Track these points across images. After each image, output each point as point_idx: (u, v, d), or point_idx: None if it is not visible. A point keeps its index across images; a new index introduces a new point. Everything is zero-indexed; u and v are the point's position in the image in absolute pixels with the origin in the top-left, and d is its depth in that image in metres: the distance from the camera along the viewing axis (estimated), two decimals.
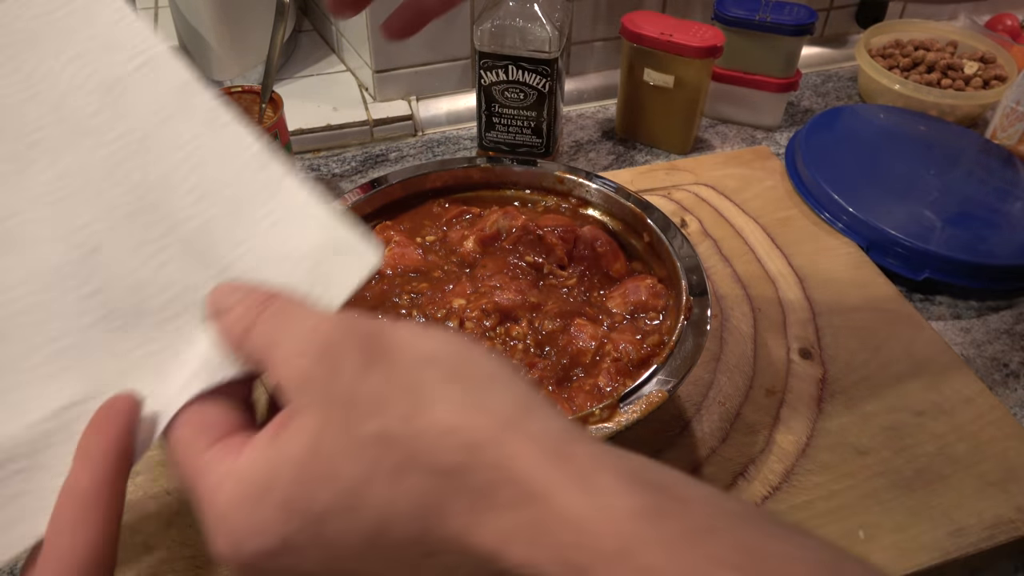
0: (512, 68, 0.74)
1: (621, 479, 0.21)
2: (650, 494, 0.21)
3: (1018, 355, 0.64)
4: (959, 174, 0.78)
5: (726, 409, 0.56)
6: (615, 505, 0.20)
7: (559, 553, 0.20)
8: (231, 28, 0.85)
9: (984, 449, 0.53)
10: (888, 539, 0.48)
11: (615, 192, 0.63)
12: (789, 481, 0.51)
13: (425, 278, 0.59)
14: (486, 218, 0.63)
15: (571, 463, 0.21)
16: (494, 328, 0.55)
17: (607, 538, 0.20)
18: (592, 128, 0.91)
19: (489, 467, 0.20)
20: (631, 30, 0.80)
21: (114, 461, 0.26)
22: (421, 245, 0.61)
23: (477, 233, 0.61)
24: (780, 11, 0.83)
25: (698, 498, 0.21)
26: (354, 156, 0.86)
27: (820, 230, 0.73)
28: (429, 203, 0.65)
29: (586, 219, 0.64)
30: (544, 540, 0.20)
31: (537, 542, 0.20)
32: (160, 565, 0.46)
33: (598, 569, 0.19)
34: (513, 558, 0.20)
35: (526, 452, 0.21)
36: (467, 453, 0.21)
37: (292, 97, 0.87)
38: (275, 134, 0.68)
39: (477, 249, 0.61)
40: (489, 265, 0.59)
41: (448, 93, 0.91)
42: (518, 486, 0.20)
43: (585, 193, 0.65)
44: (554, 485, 0.20)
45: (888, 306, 0.64)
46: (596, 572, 0.19)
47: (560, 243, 0.60)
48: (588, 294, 0.59)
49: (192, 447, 0.25)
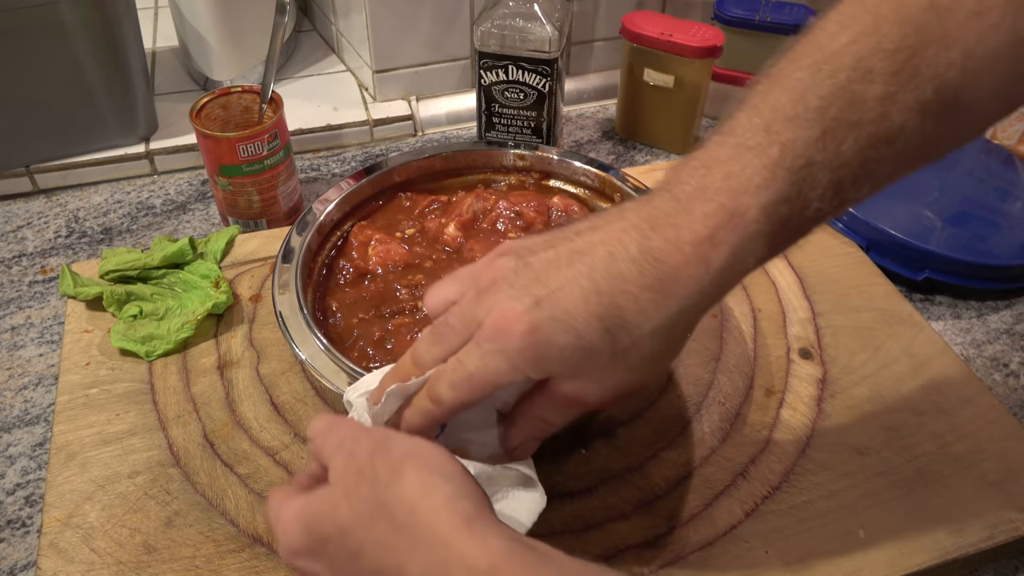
0: (512, 68, 0.74)
1: (503, 537, 0.31)
2: (519, 543, 0.31)
3: (1018, 355, 0.64)
4: (959, 174, 0.78)
5: (726, 409, 0.56)
6: (492, 546, 0.30)
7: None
8: (231, 28, 0.85)
9: (984, 449, 0.53)
10: (888, 539, 0.48)
11: (575, 159, 0.66)
12: (789, 481, 0.51)
13: (418, 270, 0.60)
14: (459, 203, 0.64)
15: (473, 528, 0.31)
16: None
17: (481, 560, 0.30)
18: (592, 128, 0.91)
19: (423, 527, 0.31)
20: (631, 30, 0.80)
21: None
22: (402, 239, 0.62)
23: (456, 219, 0.63)
24: (780, 11, 0.83)
25: (562, 556, 0.31)
26: (354, 156, 0.86)
27: (820, 230, 0.72)
28: (398, 198, 0.66)
29: (552, 191, 0.67)
30: (444, 573, 0.30)
31: (442, 572, 0.30)
32: (160, 565, 0.46)
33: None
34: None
35: (447, 520, 0.31)
36: (410, 514, 0.32)
37: (292, 97, 0.87)
38: (275, 134, 0.68)
39: (459, 234, 0.62)
40: (476, 248, 0.61)
41: (448, 93, 0.91)
42: (435, 538, 0.31)
43: (547, 165, 0.67)
44: (456, 541, 0.31)
45: (888, 306, 0.64)
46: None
47: (537, 216, 0.63)
48: None
49: (286, 490, 0.38)
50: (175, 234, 0.74)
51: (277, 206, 0.73)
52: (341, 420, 0.38)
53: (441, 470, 0.33)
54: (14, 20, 0.69)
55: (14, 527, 0.51)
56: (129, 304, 0.62)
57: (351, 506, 0.33)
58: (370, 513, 0.33)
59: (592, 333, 0.34)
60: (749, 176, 0.34)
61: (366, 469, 0.34)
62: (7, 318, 0.65)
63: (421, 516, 0.31)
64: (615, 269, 0.34)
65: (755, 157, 0.34)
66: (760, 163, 0.34)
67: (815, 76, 0.34)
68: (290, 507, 0.35)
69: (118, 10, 0.73)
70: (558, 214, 0.64)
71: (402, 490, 0.32)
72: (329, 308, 0.57)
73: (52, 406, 0.57)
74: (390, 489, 0.33)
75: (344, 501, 0.33)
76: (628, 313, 0.34)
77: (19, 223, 0.76)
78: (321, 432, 0.37)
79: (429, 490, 0.32)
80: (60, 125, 0.77)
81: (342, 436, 0.36)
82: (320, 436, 0.37)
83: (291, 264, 0.55)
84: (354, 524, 0.33)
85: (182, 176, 0.82)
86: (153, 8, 1.05)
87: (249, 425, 0.54)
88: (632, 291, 0.34)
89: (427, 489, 0.32)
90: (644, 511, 0.50)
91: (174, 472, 0.51)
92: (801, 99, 0.34)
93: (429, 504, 0.32)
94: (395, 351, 0.53)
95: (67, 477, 0.51)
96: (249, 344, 0.60)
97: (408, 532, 0.31)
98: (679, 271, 0.34)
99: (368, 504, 0.33)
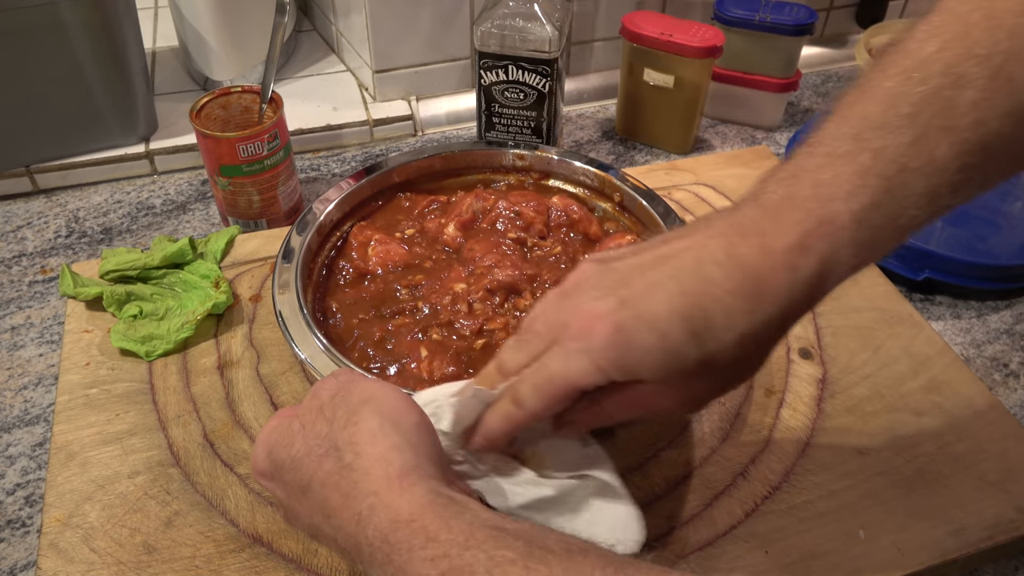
0: (512, 68, 0.74)
1: (427, 490, 0.33)
2: (440, 495, 0.33)
3: (1018, 355, 0.64)
4: None
5: (726, 409, 0.56)
6: (416, 496, 0.32)
7: (378, 525, 0.32)
8: (231, 28, 0.85)
9: (984, 449, 0.53)
10: (888, 539, 0.48)
11: (574, 159, 0.66)
12: (789, 481, 0.51)
13: (418, 270, 0.60)
14: (459, 203, 0.64)
15: (405, 479, 0.33)
16: (502, 304, 0.56)
17: (404, 510, 0.32)
18: (592, 128, 0.91)
19: (362, 472, 0.34)
20: (631, 30, 0.80)
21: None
22: (402, 240, 0.62)
23: (455, 219, 0.63)
24: (780, 11, 0.83)
25: (480, 507, 0.33)
26: (354, 156, 0.86)
27: None
28: (397, 198, 0.66)
29: (551, 191, 0.67)
30: (371, 518, 0.32)
31: (368, 519, 0.33)
32: (160, 565, 0.46)
33: (397, 532, 0.32)
34: (365, 532, 0.33)
35: (383, 469, 0.33)
36: (355, 456, 0.34)
37: (292, 97, 0.87)
38: (275, 134, 0.68)
39: (459, 234, 0.63)
40: (476, 247, 0.61)
41: (448, 93, 0.91)
42: (370, 485, 0.33)
43: (546, 165, 0.67)
44: (385, 490, 0.33)
45: (888, 306, 0.64)
46: (395, 534, 0.32)
47: (537, 216, 0.63)
48: (575, 259, 0.61)
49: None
50: (175, 234, 0.74)
51: (277, 206, 0.73)
52: (335, 371, 0.41)
53: (393, 417, 0.35)
54: (14, 20, 0.69)
55: (14, 527, 0.51)
56: (129, 304, 0.62)
57: (305, 440, 0.36)
58: (322, 451, 0.35)
59: (676, 334, 0.33)
60: (839, 183, 0.33)
61: (326, 408, 0.37)
62: (7, 318, 0.65)
63: (363, 461, 0.34)
64: (702, 272, 0.34)
65: (845, 165, 0.33)
66: (850, 170, 0.33)
67: (905, 83, 0.34)
68: (266, 427, 0.39)
69: (118, 10, 0.73)
70: (558, 213, 0.64)
71: (353, 433, 0.35)
72: (329, 309, 0.57)
73: (52, 406, 0.57)
74: (344, 430, 0.35)
75: (301, 433, 0.36)
76: (714, 317, 0.33)
77: (19, 223, 0.76)
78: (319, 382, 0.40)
79: (377, 437, 0.34)
80: (60, 125, 0.77)
81: (322, 381, 0.39)
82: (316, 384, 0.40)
83: (291, 264, 0.56)
84: (305, 457, 0.36)
85: (182, 176, 0.82)
86: (153, 8, 1.05)
87: (249, 425, 0.54)
88: (719, 295, 0.33)
89: (375, 436, 0.34)
90: (644, 511, 0.49)
91: (174, 472, 0.51)
92: (892, 107, 0.33)
93: (374, 451, 0.34)
94: (395, 351, 0.53)
95: (67, 477, 0.51)
96: (249, 344, 0.60)
97: (350, 475, 0.34)
98: (767, 278, 0.33)
99: (321, 441, 0.35)
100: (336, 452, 0.35)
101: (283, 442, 0.37)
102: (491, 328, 0.54)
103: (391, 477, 0.33)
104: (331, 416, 0.36)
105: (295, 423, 0.37)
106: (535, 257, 0.61)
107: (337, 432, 0.35)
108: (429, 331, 0.54)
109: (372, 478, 0.33)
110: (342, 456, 0.34)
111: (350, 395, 0.37)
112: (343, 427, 0.35)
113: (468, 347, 0.53)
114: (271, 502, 0.49)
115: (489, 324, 0.55)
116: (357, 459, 0.34)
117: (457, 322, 0.55)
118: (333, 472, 0.34)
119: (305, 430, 0.36)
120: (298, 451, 0.36)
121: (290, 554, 0.47)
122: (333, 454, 0.35)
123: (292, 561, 0.47)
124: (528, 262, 0.60)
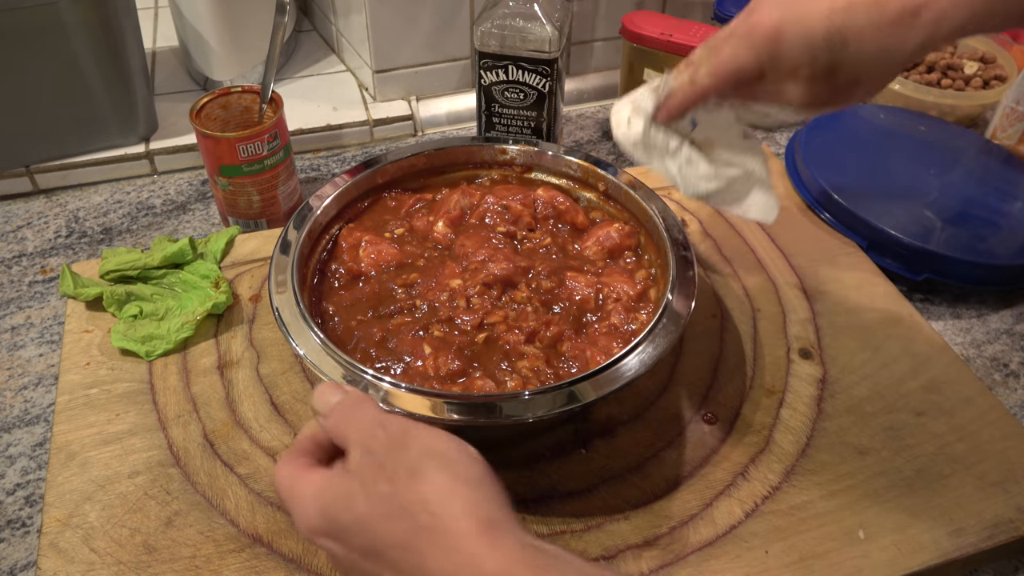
0: (512, 68, 0.74)
1: (517, 541, 0.33)
2: (532, 547, 0.33)
3: (1018, 355, 0.64)
4: (959, 174, 0.78)
5: (726, 409, 0.56)
6: (507, 549, 0.32)
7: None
8: (231, 28, 0.85)
9: (984, 449, 0.53)
10: (888, 539, 0.48)
11: (556, 151, 0.67)
12: (789, 481, 0.51)
13: (411, 268, 0.60)
14: (445, 200, 0.65)
15: (490, 533, 0.33)
16: (499, 297, 0.57)
17: (495, 566, 0.32)
18: (592, 128, 0.91)
19: (441, 532, 0.33)
20: (631, 30, 0.80)
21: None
22: (392, 239, 0.62)
23: (444, 216, 0.63)
24: None
25: (571, 558, 0.33)
26: (354, 156, 0.86)
27: (820, 230, 0.73)
28: (383, 199, 0.66)
29: (535, 183, 0.68)
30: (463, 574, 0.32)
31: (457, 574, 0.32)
32: (160, 565, 0.46)
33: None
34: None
35: (466, 525, 0.33)
36: (430, 516, 0.33)
37: (292, 97, 0.87)
38: (275, 134, 0.68)
39: (449, 230, 0.63)
40: (468, 243, 0.61)
41: (448, 93, 0.91)
42: (454, 542, 0.33)
43: (529, 158, 0.68)
44: (473, 548, 0.32)
45: (888, 306, 0.64)
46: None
47: (524, 209, 0.64)
48: (564, 249, 0.62)
49: (296, 460, 0.39)
50: (175, 234, 0.74)
51: (277, 206, 0.73)
52: (357, 403, 0.39)
53: (460, 471, 0.35)
54: (14, 20, 0.69)
55: (14, 527, 0.51)
56: (129, 304, 0.62)
57: (368, 501, 0.35)
58: (388, 512, 0.34)
59: (817, 40, 0.42)
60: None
61: (386, 466, 0.35)
62: (7, 318, 0.65)
63: (442, 521, 0.33)
64: (854, 4, 0.42)
65: None
66: None
67: None
68: (308, 485, 0.37)
69: (118, 10, 0.73)
70: (544, 205, 0.65)
71: (423, 492, 0.34)
72: (326, 312, 0.56)
73: (52, 406, 0.57)
74: (409, 490, 0.34)
75: (361, 494, 0.35)
76: (848, 34, 0.42)
77: (19, 223, 0.76)
78: (338, 413, 0.39)
79: (451, 496, 0.34)
80: (60, 125, 0.77)
81: (361, 427, 0.38)
82: (336, 417, 0.39)
83: (288, 256, 0.55)
84: (370, 519, 0.34)
85: (182, 176, 0.82)
86: (153, 8, 1.05)
87: (249, 425, 0.54)
88: (859, 27, 0.42)
89: (446, 494, 0.34)
90: (644, 511, 0.50)
91: (174, 472, 0.51)
92: None
93: (451, 510, 0.33)
94: (398, 350, 0.53)
95: (67, 477, 0.51)
96: (249, 344, 0.60)
97: (428, 535, 0.33)
98: (894, 21, 0.41)
99: (386, 503, 0.34)
100: (405, 513, 0.34)
101: (341, 503, 0.35)
102: (491, 322, 0.55)
103: (474, 534, 0.33)
104: (392, 475, 0.35)
105: (353, 483, 0.36)
106: (526, 249, 0.62)
107: (402, 492, 0.34)
108: (430, 328, 0.54)
109: (453, 537, 0.33)
110: (416, 518, 0.34)
111: (408, 449, 0.36)
112: (407, 486, 0.34)
113: (470, 342, 0.54)
114: (322, 552, 0.43)
115: (489, 318, 0.55)
116: (433, 519, 0.33)
117: (457, 318, 0.55)
118: (407, 534, 0.33)
119: (366, 489, 0.35)
120: (361, 512, 0.35)
121: (290, 554, 0.47)
122: (403, 515, 0.34)
123: (292, 561, 0.47)
124: (520, 254, 0.61)
